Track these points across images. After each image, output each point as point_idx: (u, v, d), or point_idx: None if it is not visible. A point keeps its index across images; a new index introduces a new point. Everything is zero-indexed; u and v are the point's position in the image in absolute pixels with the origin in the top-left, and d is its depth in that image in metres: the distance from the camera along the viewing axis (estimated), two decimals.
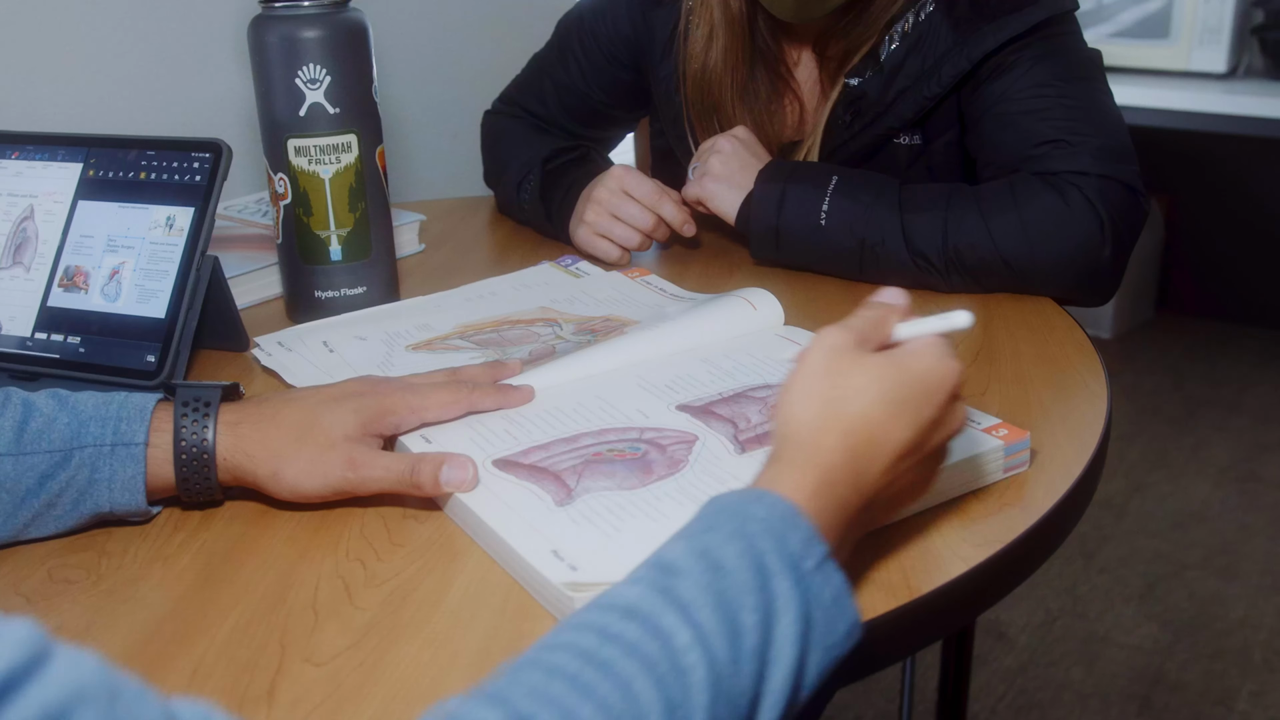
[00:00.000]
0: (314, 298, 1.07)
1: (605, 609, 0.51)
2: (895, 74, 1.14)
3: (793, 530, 0.55)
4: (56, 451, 0.72)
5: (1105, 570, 2.39)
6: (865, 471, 0.59)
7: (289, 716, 0.59)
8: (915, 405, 0.60)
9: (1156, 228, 3.43)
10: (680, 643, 0.49)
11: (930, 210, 1.06)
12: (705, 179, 1.16)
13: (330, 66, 1.00)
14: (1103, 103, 1.12)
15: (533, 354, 0.96)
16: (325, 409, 0.76)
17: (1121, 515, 2.57)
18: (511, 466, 0.77)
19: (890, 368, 0.61)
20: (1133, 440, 2.85)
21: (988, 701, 2.06)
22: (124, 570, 0.72)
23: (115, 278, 0.97)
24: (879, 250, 1.08)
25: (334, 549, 0.73)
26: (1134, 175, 1.09)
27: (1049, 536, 0.75)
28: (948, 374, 0.62)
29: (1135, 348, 3.33)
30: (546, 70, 1.35)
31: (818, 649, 0.54)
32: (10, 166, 1.04)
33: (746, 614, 0.51)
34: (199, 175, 0.98)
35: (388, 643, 0.64)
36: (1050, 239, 1.04)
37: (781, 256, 1.15)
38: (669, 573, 0.52)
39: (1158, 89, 2.97)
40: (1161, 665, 2.11)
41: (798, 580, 0.54)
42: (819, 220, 1.09)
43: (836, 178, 1.10)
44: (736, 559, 0.53)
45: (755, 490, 0.57)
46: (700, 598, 0.51)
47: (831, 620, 0.55)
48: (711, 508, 0.57)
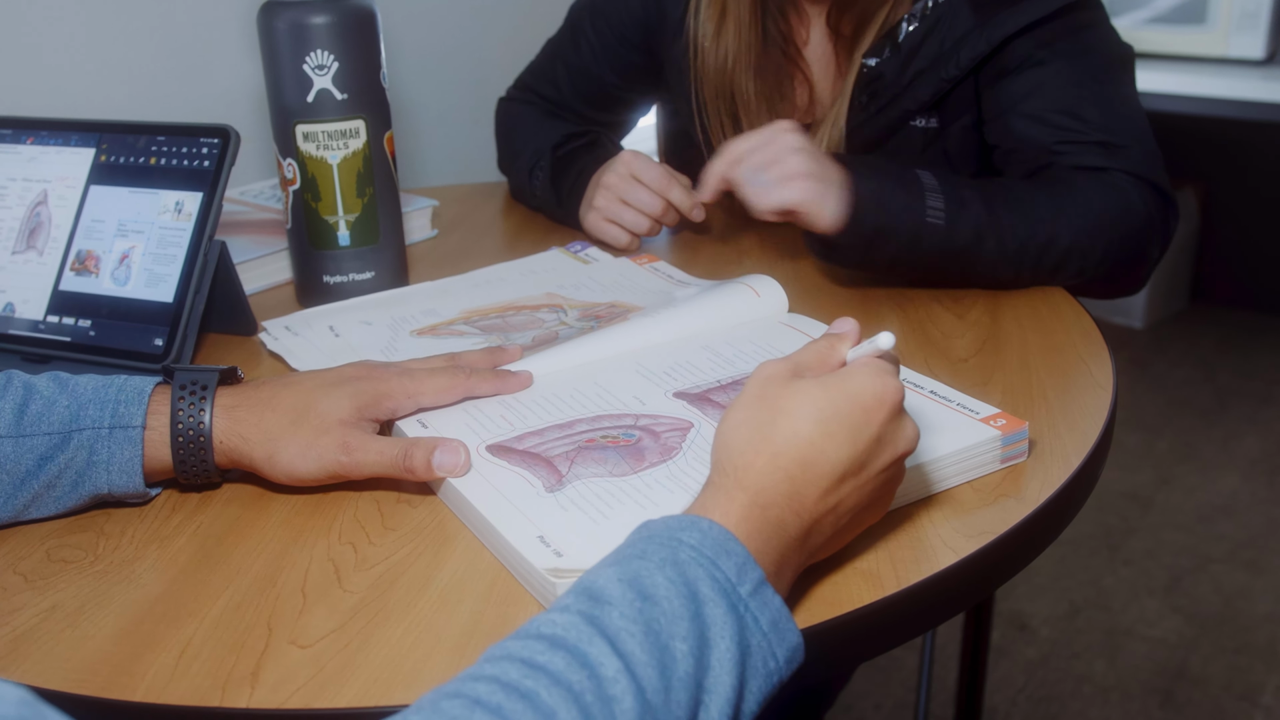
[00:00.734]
0: (323, 282, 1.07)
1: (531, 639, 0.50)
2: (913, 55, 1.13)
3: (725, 556, 0.55)
4: (55, 434, 0.73)
5: (1130, 563, 2.37)
6: (802, 494, 0.59)
7: (271, 697, 0.59)
8: (852, 425, 0.60)
9: (1191, 216, 3.38)
10: (607, 673, 0.49)
11: (1017, 205, 1.02)
12: (802, 180, 0.98)
13: (338, 52, 1.01)
14: (1135, 105, 1.11)
15: (536, 340, 0.96)
16: (321, 393, 0.76)
17: (1148, 508, 2.55)
18: (505, 452, 0.77)
19: (822, 389, 0.60)
20: (1161, 432, 2.82)
21: (1008, 693, 2.04)
22: (120, 551, 0.73)
23: (125, 262, 0.98)
24: (979, 250, 1.02)
25: (327, 532, 0.74)
26: (1168, 184, 1.09)
27: (1045, 528, 0.74)
28: (885, 392, 0.61)
29: (1167, 338, 3.29)
30: (559, 54, 1.36)
31: (758, 675, 0.54)
32: (25, 152, 1.05)
33: (678, 642, 0.51)
34: (207, 161, 0.98)
35: (373, 626, 0.64)
36: (1115, 231, 1.04)
37: (873, 260, 1.03)
38: (597, 602, 0.52)
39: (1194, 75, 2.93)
40: (1185, 659, 2.09)
41: (731, 606, 0.53)
42: (925, 217, 1.00)
43: (931, 174, 1.02)
44: (667, 586, 0.52)
45: (688, 517, 0.57)
46: (629, 627, 0.51)
47: (770, 645, 0.54)
48: (642, 533, 0.57)
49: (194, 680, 0.61)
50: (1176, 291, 3.43)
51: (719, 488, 0.59)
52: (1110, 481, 2.65)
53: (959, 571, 0.68)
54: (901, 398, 0.62)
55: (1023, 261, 1.03)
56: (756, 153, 1.01)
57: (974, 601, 0.75)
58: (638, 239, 1.20)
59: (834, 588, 0.66)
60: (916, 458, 0.73)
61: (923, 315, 1.02)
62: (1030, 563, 0.76)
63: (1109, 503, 2.57)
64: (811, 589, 0.66)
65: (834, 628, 0.63)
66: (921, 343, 0.97)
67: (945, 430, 0.76)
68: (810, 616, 0.63)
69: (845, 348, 0.65)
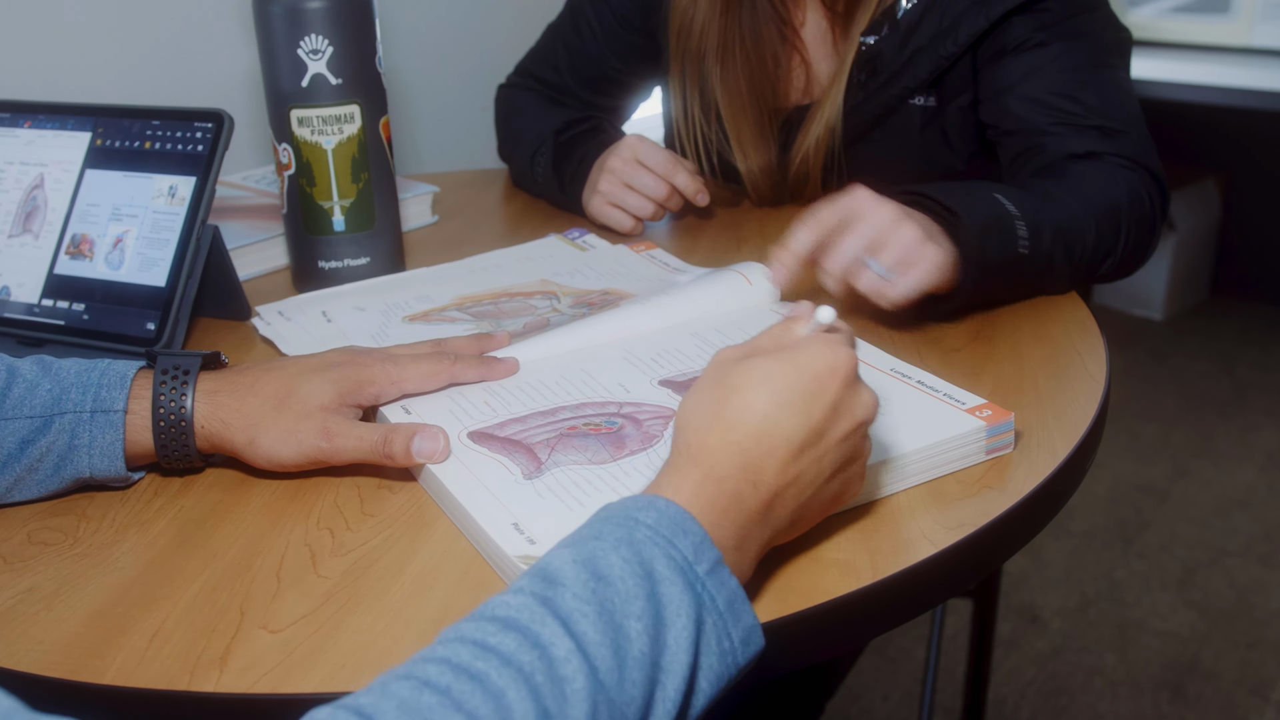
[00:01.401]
0: (318, 268, 1.07)
1: (485, 620, 0.50)
2: (911, 32, 1.13)
3: (682, 535, 0.54)
4: (37, 417, 0.74)
5: (1144, 556, 2.35)
6: (758, 466, 0.58)
7: (238, 681, 0.59)
8: (805, 395, 0.60)
9: (1213, 208, 3.35)
10: (558, 653, 0.49)
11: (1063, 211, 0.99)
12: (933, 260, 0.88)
13: (332, 37, 1.00)
14: (1131, 92, 1.10)
15: (527, 326, 0.96)
16: (303, 379, 0.76)
17: (1164, 500, 2.53)
18: (486, 439, 0.77)
19: (774, 363, 0.60)
20: (1178, 424, 2.79)
21: (1016, 685, 2.03)
22: (100, 534, 0.73)
23: (119, 246, 0.99)
24: (1053, 264, 0.98)
25: (306, 517, 0.74)
26: (1163, 172, 1.08)
27: (1028, 521, 0.73)
28: (837, 360, 0.61)
29: (1186, 330, 3.26)
30: (559, 37, 1.36)
31: (711, 653, 0.53)
32: (23, 135, 1.06)
33: (632, 621, 0.51)
34: (201, 145, 0.99)
35: (344, 611, 0.64)
36: (1131, 219, 1.03)
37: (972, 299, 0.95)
38: (551, 583, 0.52)
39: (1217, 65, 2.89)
40: (1197, 653, 2.07)
41: (688, 584, 0.53)
42: (1016, 248, 0.94)
43: (1005, 197, 0.96)
44: (622, 566, 0.52)
45: (645, 496, 0.57)
46: (582, 608, 0.51)
47: (726, 625, 0.54)
48: (600, 515, 0.57)
49: (164, 664, 0.61)
50: (1197, 283, 3.39)
51: (674, 466, 0.59)
52: (1125, 474, 2.63)
53: (936, 564, 0.67)
54: (854, 366, 0.62)
55: (1075, 269, 1.00)
56: (854, 234, 0.88)
57: (953, 594, 0.74)
58: (641, 223, 1.20)
59: (808, 577, 0.65)
60: (898, 448, 0.73)
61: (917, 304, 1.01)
62: (1012, 556, 0.75)
63: (1123, 495, 2.55)
64: (786, 578, 0.65)
65: (807, 618, 0.63)
66: (914, 331, 0.96)
67: (929, 420, 0.76)
68: (783, 606, 0.63)
69: (800, 328, 0.65)
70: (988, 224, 0.93)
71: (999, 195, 0.96)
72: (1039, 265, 0.97)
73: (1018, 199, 0.97)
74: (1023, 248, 0.94)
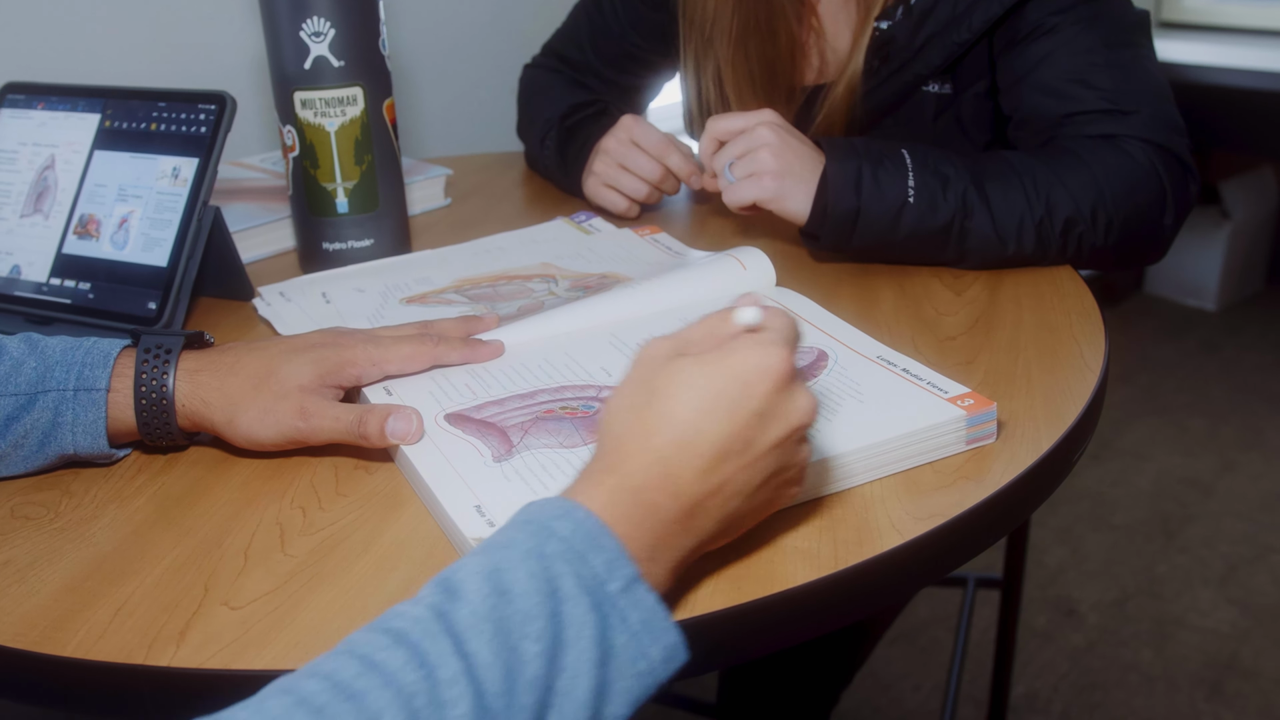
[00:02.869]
0: (322, 249, 1.08)
1: (379, 632, 0.49)
2: (925, 18, 1.11)
3: (595, 551, 0.52)
4: (22, 394, 0.75)
5: (1186, 550, 2.31)
6: (676, 475, 0.56)
7: (194, 656, 0.60)
8: (730, 401, 0.57)
9: (1270, 196, 3.27)
10: (445, 674, 0.47)
11: (1007, 178, 1.00)
12: (765, 178, 1.01)
13: (334, 19, 1.01)
14: (1152, 71, 1.07)
15: (521, 309, 0.95)
16: (284, 359, 0.77)
17: (1209, 494, 2.48)
18: (461, 421, 0.77)
19: (700, 366, 0.58)
20: (1228, 418, 2.73)
21: (1049, 679, 2.01)
22: (81, 509, 0.74)
23: (124, 226, 1.00)
24: (966, 225, 0.99)
25: (281, 496, 0.74)
26: (1186, 149, 1.05)
27: (1004, 513, 0.72)
28: (768, 364, 0.58)
29: (1240, 321, 3.19)
30: (583, 15, 1.36)
31: (625, 676, 0.51)
32: (36, 117, 1.07)
33: (529, 643, 0.49)
34: (204, 127, 0.99)
35: (306, 590, 0.65)
36: (1122, 199, 1.01)
37: (856, 244, 1.01)
38: (451, 595, 0.50)
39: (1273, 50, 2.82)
40: (1236, 651, 2.03)
41: (596, 604, 0.51)
42: (906, 198, 0.99)
43: (908, 152, 1.00)
44: (526, 582, 0.51)
45: (565, 503, 0.55)
46: (478, 625, 0.49)
47: (642, 645, 0.52)
48: (519, 517, 0.55)
49: (124, 638, 0.62)
50: (1252, 273, 3.32)
51: (590, 471, 0.57)
52: (1171, 467, 2.58)
53: (902, 554, 0.66)
54: (788, 369, 0.59)
55: (1020, 237, 0.99)
56: (734, 144, 1.03)
57: (920, 586, 0.73)
58: (637, 205, 1.19)
59: (769, 565, 0.65)
60: (873, 436, 0.72)
61: (919, 291, 1.00)
62: (988, 547, 0.73)
63: (1168, 488, 2.50)
64: (746, 566, 0.64)
65: (765, 606, 0.62)
66: (912, 318, 0.95)
67: (908, 409, 0.75)
68: (740, 594, 0.62)
69: (737, 316, 0.62)
70: (869, 168, 0.99)
71: (904, 150, 1.00)
72: (939, 220, 0.99)
73: (930, 157, 1.00)
74: (911, 197, 0.98)
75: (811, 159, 1.01)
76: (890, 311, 0.96)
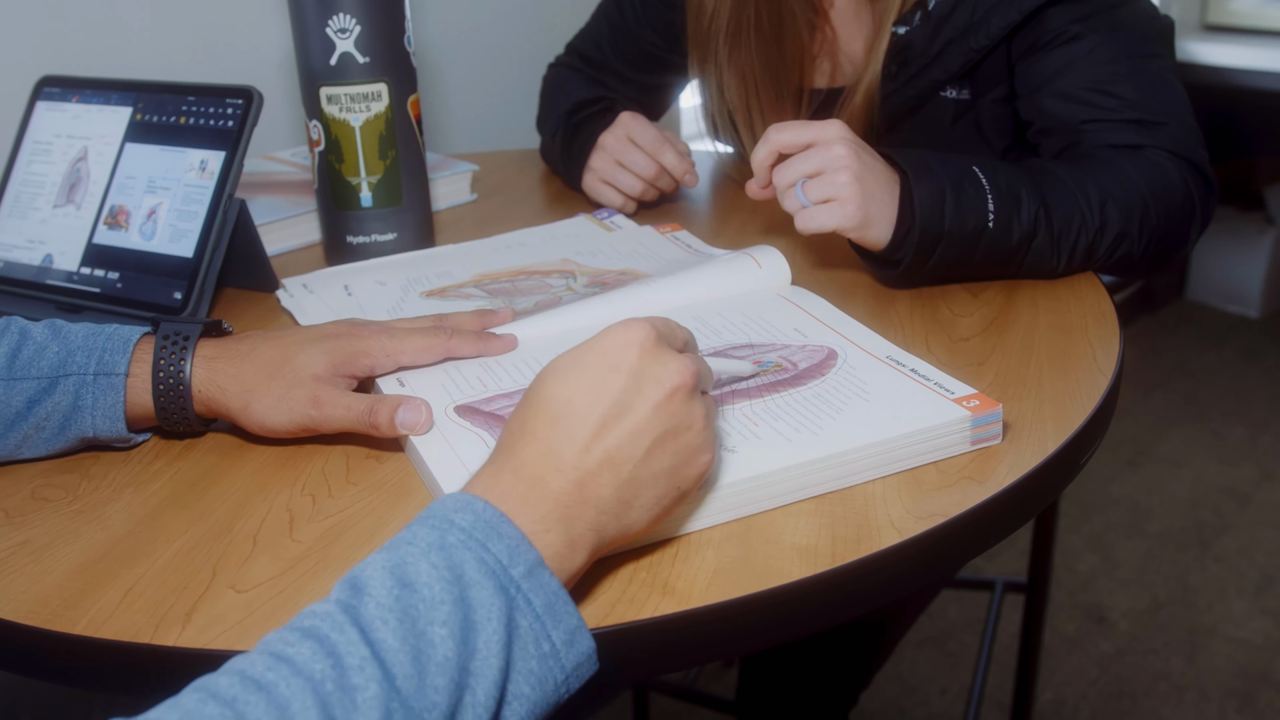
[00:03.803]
0: (346, 242, 1.10)
1: (289, 630, 0.51)
2: (943, 23, 1.10)
3: (497, 539, 0.54)
4: (44, 378, 0.77)
5: (1221, 560, 2.28)
6: (557, 450, 0.58)
7: (199, 637, 0.62)
8: (596, 371, 0.60)
9: None
10: (352, 661, 0.49)
11: (1064, 195, 0.97)
12: (849, 205, 0.92)
13: (360, 16, 1.02)
14: (1174, 82, 1.06)
15: (538, 304, 0.96)
16: (299, 348, 0.78)
17: (1246, 504, 2.45)
18: (470, 413, 0.78)
19: (567, 354, 0.62)
20: (1268, 426, 2.70)
21: (1078, 686, 1.99)
22: (99, 492, 0.76)
23: (152, 217, 1.02)
24: (1032, 245, 0.96)
25: (292, 483, 0.76)
26: (1207, 163, 1.04)
27: (1005, 515, 0.72)
28: (630, 333, 0.61)
29: None
30: (604, 14, 1.38)
31: (529, 658, 0.53)
32: (71, 110, 1.10)
33: (436, 627, 0.51)
34: (231, 121, 1.01)
35: (310, 576, 0.66)
36: (1163, 214, 1.00)
37: (931, 268, 0.96)
38: (357, 591, 0.52)
39: None
40: (1269, 662, 2.01)
41: (501, 588, 0.53)
42: (987, 223, 0.94)
43: (980, 170, 0.95)
44: (429, 572, 0.52)
45: (464, 497, 0.57)
46: (383, 615, 0.50)
47: (544, 628, 0.53)
48: (422, 515, 0.57)
49: (133, 617, 0.63)
50: None
51: (486, 466, 0.60)
52: (1208, 475, 2.55)
53: (900, 553, 0.66)
54: (652, 336, 0.61)
55: (1074, 251, 0.98)
56: (803, 159, 0.94)
57: (919, 584, 0.73)
58: (632, 201, 1.20)
59: (765, 560, 0.65)
60: (876, 434, 0.72)
61: (936, 291, 1.00)
62: (990, 548, 0.73)
63: (1204, 497, 2.48)
64: (742, 561, 0.65)
65: (758, 601, 0.63)
66: (927, 318, 0.95)
67: (913, 408, 0.75)
68: (735, 589, 0.63)
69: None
70: (943, 191, 0.93)
71: (976, 167, 0.95)
72: (1013, 241, 0.95)
73: (996, 171, 0.96)
74: (990, 220, 0.94)
75: (888, 179, 0.94)
76: (905, 311, 0.96)
